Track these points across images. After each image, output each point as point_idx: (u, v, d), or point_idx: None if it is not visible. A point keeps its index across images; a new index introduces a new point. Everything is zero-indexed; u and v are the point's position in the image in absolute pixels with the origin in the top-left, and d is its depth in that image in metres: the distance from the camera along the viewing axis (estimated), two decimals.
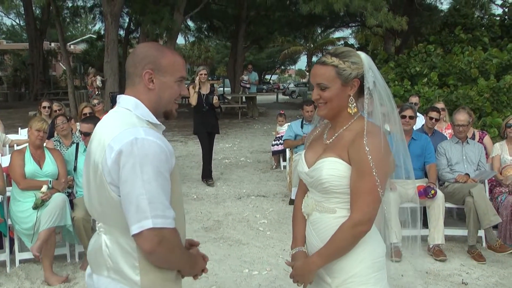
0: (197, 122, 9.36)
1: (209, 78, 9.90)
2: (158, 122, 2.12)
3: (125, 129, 1.94)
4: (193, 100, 9.05)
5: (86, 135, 5.68)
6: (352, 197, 2.25)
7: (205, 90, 9.14)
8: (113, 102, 15.21)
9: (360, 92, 2.34)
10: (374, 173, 2.18)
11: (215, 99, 9.08)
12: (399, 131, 2.49)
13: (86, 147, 5.21)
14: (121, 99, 2.14)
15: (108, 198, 1.95)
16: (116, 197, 1.92)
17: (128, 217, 1.87)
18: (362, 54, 2.35)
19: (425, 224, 6.12)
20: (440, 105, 8.16)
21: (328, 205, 2.37)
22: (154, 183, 1.86)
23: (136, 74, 2.10)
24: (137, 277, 1.98)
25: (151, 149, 1.89)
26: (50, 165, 5.71)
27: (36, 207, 5.32)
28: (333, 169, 2.30)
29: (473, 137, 6.99)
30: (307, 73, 55.52)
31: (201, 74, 9.14)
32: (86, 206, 2.20)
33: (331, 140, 2.40)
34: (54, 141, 7.07)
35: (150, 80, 2.09)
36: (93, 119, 6.14)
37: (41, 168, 5.63)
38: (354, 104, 2.33)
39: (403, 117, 6.18)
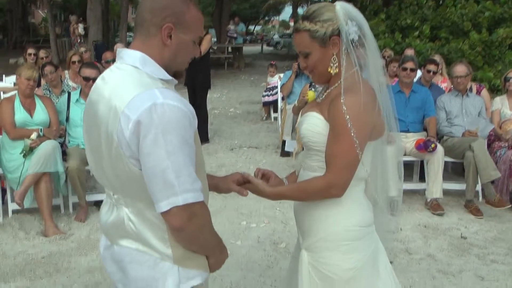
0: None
1: None
2: (170, 77, 1.87)
3: (140, 93, 1.70)
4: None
5: (88, 80, 5.54)
6: (328, 158, 2.09)
7: None
8: (96, 51, 14.91)
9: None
10: (352, 134, 2.01)
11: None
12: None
13: (87, 92, 5.06)
14: (124, 53, 1.87)
15: (128, 172, 1.75)
16: (137, 171, 1.73)
17: (154, 193, 1.69)
18: (337, 6, 2.13)
19: (421, 178, 6.07)
20: (437, 58, 8.01)
21: (310, 163, 2.24)
22: (180, 153, 1.68)
23: (154, 24, 1.82)
24: (168, 249, 1.82)
25: (173, 115, 1.67)
26: (41, 113, 5.52)
27: (25, 154, 5.16)
28: (311, 124, 2.18)
29: (470, 90, 6.87)
30: (291, 25, 54.90)
31: None
32: (95, 175, 2.00)
33: (321, 98, 2.27)
34: (44, 89, 6.78)
35: (169, 35, 1.83)
36: (93, 65, 6.01)
37: (31, 117, 5.46)
38: (337, 63, 2.15)
39: (404, 69, 6.05)
